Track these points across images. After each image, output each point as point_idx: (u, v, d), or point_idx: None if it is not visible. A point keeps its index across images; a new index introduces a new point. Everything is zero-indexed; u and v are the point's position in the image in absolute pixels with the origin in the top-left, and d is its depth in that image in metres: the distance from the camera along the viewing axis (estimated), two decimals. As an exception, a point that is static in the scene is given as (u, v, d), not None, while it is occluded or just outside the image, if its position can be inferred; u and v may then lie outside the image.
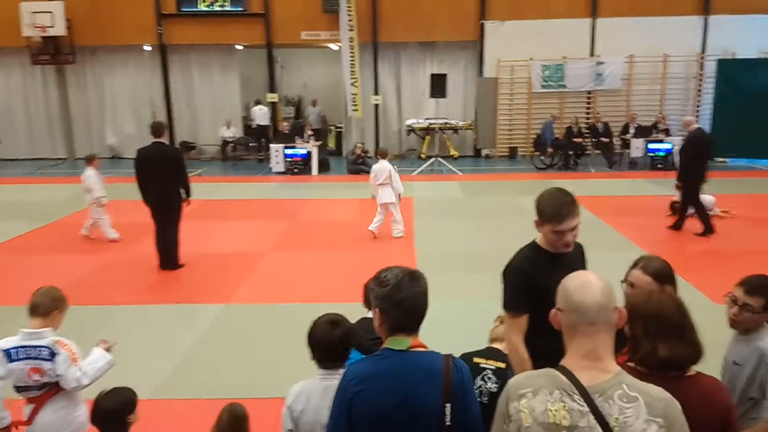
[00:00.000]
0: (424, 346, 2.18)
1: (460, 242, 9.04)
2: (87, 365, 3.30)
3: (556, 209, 2.71)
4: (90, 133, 18.90)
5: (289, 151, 15.77)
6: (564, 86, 17.50)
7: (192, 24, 17.78)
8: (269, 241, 9.25)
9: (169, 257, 7.76)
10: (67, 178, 15.58)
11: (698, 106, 17.58)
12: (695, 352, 2.09)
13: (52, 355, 3.21)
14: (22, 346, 3.22)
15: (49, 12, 16.83)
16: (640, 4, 16.94)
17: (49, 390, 3.27)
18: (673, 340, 2.05)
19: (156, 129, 7.66)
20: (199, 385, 4.92)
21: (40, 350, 3.21)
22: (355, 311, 3.38)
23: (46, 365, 3.21)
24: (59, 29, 16.99)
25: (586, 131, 16.71)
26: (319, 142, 16.72)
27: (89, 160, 9.49)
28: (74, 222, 10.55)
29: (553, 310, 1.87)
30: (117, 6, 17.56)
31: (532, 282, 2.78)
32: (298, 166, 15.66)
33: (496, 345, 3.67)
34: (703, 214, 9.03)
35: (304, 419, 2.59)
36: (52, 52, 17.47)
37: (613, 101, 17.64)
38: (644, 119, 16.33)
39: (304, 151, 15.80)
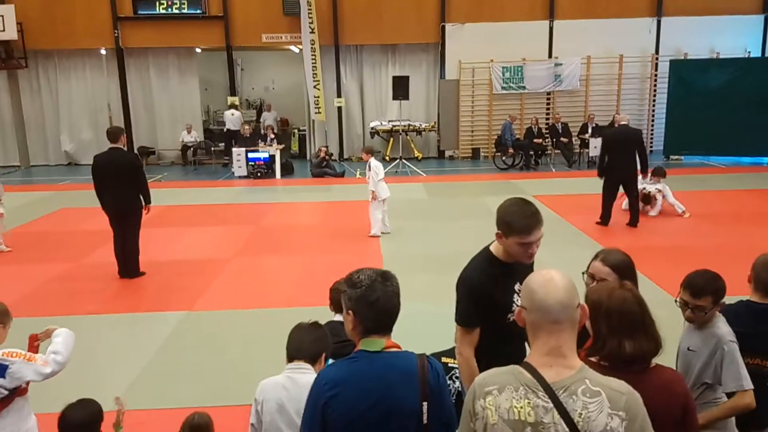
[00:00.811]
0: (398, 347, 2.18)
1: (426, 243, 9.08)
2: (51, 349, 3.19)
3: (525, 222, 2.65)
4: (45, 139, 18.36)
5: (251, 155, 15.61)
6: (524, 87, 17.78)
7: (149, 27, 17.44)
8: (233, 247, 9.12)
9: (128, 265, 7.58)
10: (21, 186, 15.11)
11: (653, 106, 18.08)
12: (656, 346, 2.14)
13: (3, 369, 3.06)
14: None
15: (0, 16, 16.31)
16: (595, 6, 17.36)
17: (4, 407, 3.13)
18: (637, 335, 2.09)
19: (112, 134, 7.47)
20: (162, 395, 4.82)
21: None
22: (321, 315, 3.36)
23: None
24: (10, 33, 16.48)
25: (546, 131, 17.00)
26: (281, 146, 16.59)
27: None
28: (29, 231, 10.23)
29: (517, 308, 1.89)
30: (71, 9, 17.11)
31: (489, 297, 2.75)
32: (261, 170, 15.50)
33: None
34: (604, 206, 9.54)
35: (265, 408, 2.70)
36: (3, 57, 16.93)
37: (571, 102, 18.00)
38: (602, 119, 16.70)
39: (266, 155, 15.65)
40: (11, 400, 3.15)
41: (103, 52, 17.71)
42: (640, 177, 9.67)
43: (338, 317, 3.35)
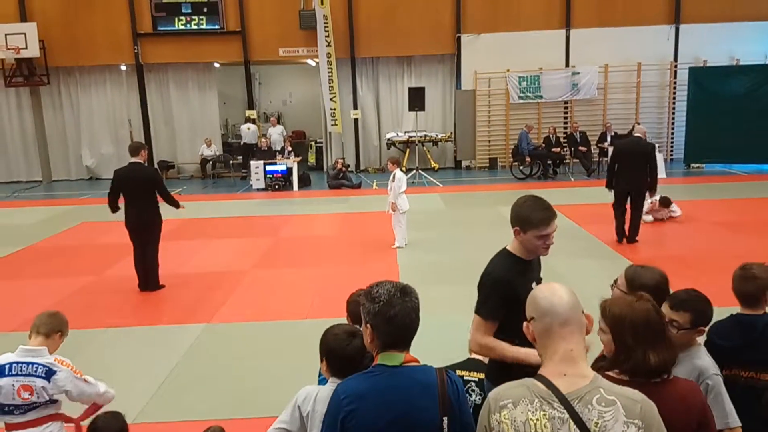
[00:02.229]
0: (417, 361, 2.17)
1: (443, 254, 9.05)
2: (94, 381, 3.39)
3: (542, 214, 2.77)
4: (66, 154, 18.69)
5: (269, 168, 15.73)
6: (541, 97, 17.72)
7: (168, 43, 17.73)
8: (251, 259, 9.17)
9: (148, 278, 7.65)
10: (43, 201, 15.36)
11: (673, 114, 17.90)
12: (674, 356, 2.13)
13: (49, 373, 3.20)
14: (16, 362, 3.22)
15: (22, 33, 16.68)
16: (612, 14, 17.28)
17: (34, 419, 3.23)
18: (659, 346, 2.08)
19: (133, 149, 7.58)
20: (182, 407, 4.84)
21: (35, 367, 3.20)
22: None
23: (39, 383, 3.18)
24: (33, 50, 16.83)
25: (564, 140, 16.91)
26: (299, 158, 16.70)
27: None
28: (51, 245, 10.38)
29: (525, 323, 1.89)
30: (92, 26, 17.45)
31: (513, 291, 2.78)
32: (279, 183, 15.61)
33: (475, 356, 3.66)
34: (616, 221, 9.14)
35: (316, 419, 2.53)
36: (26, 74, 17.29)
37: (589, 110, 17.89)
38: (621, 127, 16.57)
39: (284, 168, 15.76)
40: (47, 420, 3.23)
41: (123, 67, 18.02)
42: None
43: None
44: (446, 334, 4.95)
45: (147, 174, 7.66)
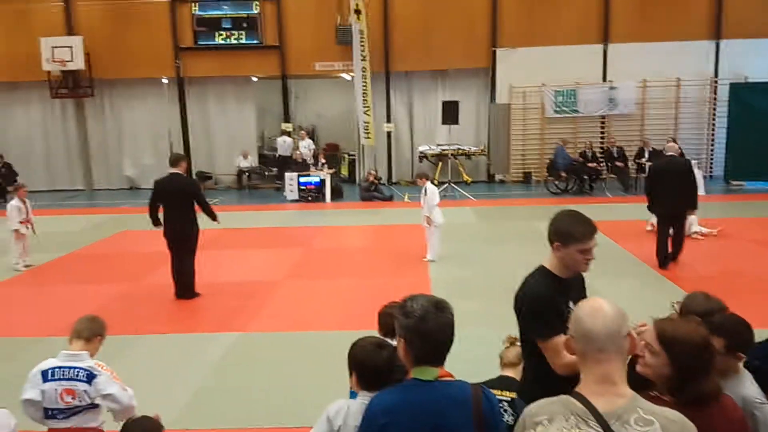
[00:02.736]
0: (452, 376, 2.15)
1: (475, 268, 9.00)
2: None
3: (584, 228, 2.72)
4: (108, 164, 19.20)
5: (303, 179, 15.91)
6: (577, 111, 17.55)
7: (209, 57, 18.16)
8: (284, 269, 9.27)
9: (185, 286, 7.80)
10: (85, 209, 15.81)
11: (713, 130, 17.52)
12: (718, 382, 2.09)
13: (90, 377, 3.27)
14: (58, 367, 3.30)
15: (69, 47, 17.28)
16: (651, 29, 17.03)
17: (76, 426, 3.30)
18: (711, 371, 2.06)
19: (173, 160, 7.80)
20: (216, 416, 4.90)
21: (77, 371, 3.28)
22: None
23: (81, 386, 3.25)
24: (78, 63, 17.41)
25: (601, 155, 16.68)
26: (332, 170, 16.85)
27: (16, 189, 9.70)
28: (91, 253, 10.67)
29: (566, 337, 1.87)
30: (135, 40, 17.97)
31: (554, 309, 2.73)
32: (312, 194, 15.78)
33: (507, 372, 3.62)
34: (659, 246, 8.76)
35: None
36: (71, 86, 17.89)
37: (627, 125, 17.63)
38: (659, 143, 16.26)
39: (317, 179, 15.92)
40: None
41: (164, 81, 18.49)
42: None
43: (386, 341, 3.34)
44: (476, 350, 4.91)
45: (186, 184, 7.84)
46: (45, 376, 3.28)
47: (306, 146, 18.15)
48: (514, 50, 17.53)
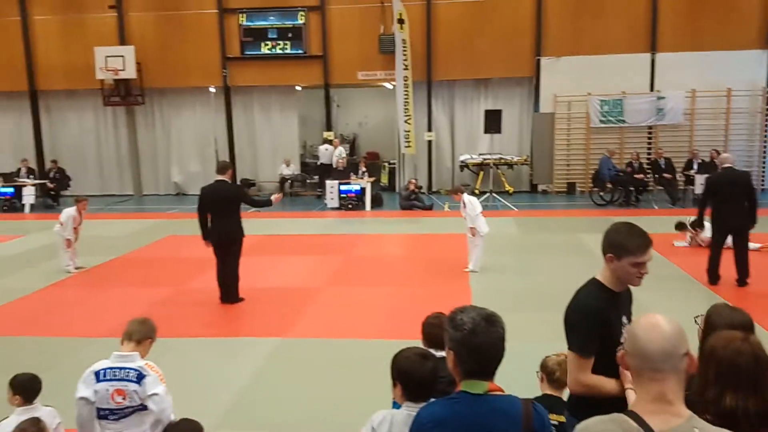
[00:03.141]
0: (502, 390, 2.12)
1: (516, 280, 8.89)
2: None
3: (639, 240, 2.67)
4: (156, 170, 19.77)
5: (343, 187, 16.04)
6: (623, 121, 17.22)
7: (255, 66, 18.54)
8: (324, 276, 9.35)
9: (229, 291, 7.95)
10: (134, 214, 16.28)
11: (764, 142, 16.93)
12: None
13: (140, 377, 3.34)
14: (110, 368, 3.38)
15: (121, 56, 17.90)
16: (701, 38, 16.62)
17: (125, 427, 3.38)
18: (743, 391, 1.97)
19: (220, 168, 7.99)
20: (258, 421, 4.96)
21: (128, 372, 3.35)
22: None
23: (131, 387, 3.32)
24: (130, 72, 18.01)
25: (648, 167, 16.30)
26: (372, 178, 16.94)
27: (78, 201, 9.99)
28: (139, 256, 10.97)
29: (621, 351, 1.84)
30: (185, 50, 18.50)
31: (604, 324, 2.70)
32: (352, 202, 15.88)
33: (550, 390, 3.55)
34: (711, 260, 8.30)
35: None
36: (123, 94, 18.51)
37: (675, 136, 17.20)
38: (708, 154, 15.80)
39: (358, 187, 16.03)
40: None
41: (212, 90, 18.95)
42: None
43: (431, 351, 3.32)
44: (518, 365, 4.86)
45: (232, 191, 8.02)
46: (98, 376, 3.37)
47: (337, 154, 18.26)
48: (559, 59, 17.33)
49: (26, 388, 3.61)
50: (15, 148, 19.53)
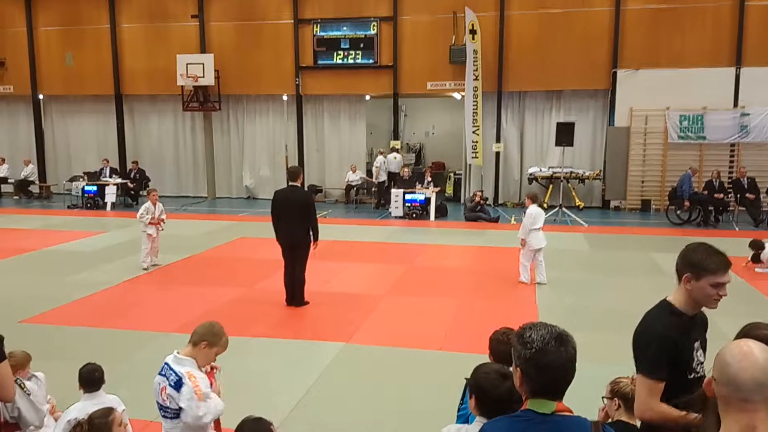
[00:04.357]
0: (570, 411, 2.04)
1: (585, 298, 8.62)
2: (213, 404, 3.41)
3: (719, 260, 2.59)
4: (229, 174, 20.44)
5: (408, 197, 16.06)
6: (704, 138, 16.45)
7: (326, 76, 18.91)
8: (387, 284, 9.37)
9: (295, 294, 8.10)
10: (207, 215, 16.87)
11: None
12: None
13: (178, 384, 3.32)
14: (167, 364, 3.44)
15: (201, 64, 18.65)
16: (792, 51, 15.69)
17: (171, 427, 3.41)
18: None
19: (293, 174, 8.21)
20: (319, 425, 5.01)
21: (171, 374, 3.37)
22: (477, 363, 3.31)
23: (169, 390, 3.35)
24: (209, 79, 18.73)
25: (729, 186, 15.49)
26: (437, 188, 16.89)
27: (149, 193, 10.49)
28: (210, 256, 11.35)
29: (708, 377, 1.74)
30: (260, 59, 19.09)
31: (674, 347, 2.60)
32: (417, 212, 15.87)
33: (624, 417, 3.40)
34: None
35: None
36: (201, 100, 19.26)
37: (760, 155, 16.27)
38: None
39: (423, 197, 16.01)
40: None
41: (285, 98, 19.44)
42: None
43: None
44: (584, 387, 4.71)
45: (302, 197, 8.20)
46: (161, 369, 3.43)
47: (396, 163, 18.29)
48: (636, 72, 16.77)
49: (85, 379, 3.76)
50: (99, 149, 20.69)
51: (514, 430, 2.02)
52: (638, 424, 3.06)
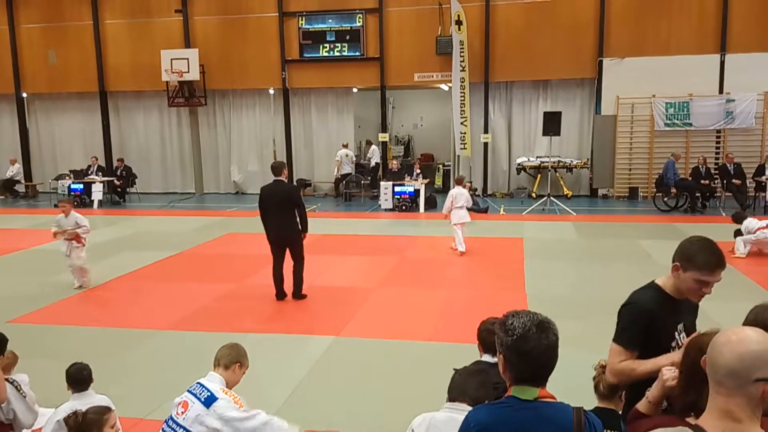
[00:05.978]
0: (553, 397, 2.07)
1: (574, 286, 8.67)
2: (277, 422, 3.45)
3: (709, 258, 2.55)
4: (217, 169, 20.33)
5: (398, 189, 16.06)
6: (690, 124, 16.56)
7: (313, 69, 18.82)
8: (377, 277, 9.37)
9: (295, 288, 8.16)
10: (195, 211, 16.78)
11: None
12: None
13: (209, 400, 3.31)
14: (199, 383, 3.44)
15: (186, 59, 18.50)
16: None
17: None
18: None
19: (276, 169, 8.14)
20: (310, 418, 5.01)
21: (202, 389, 3.38)
22: (464, 353, 3.33)
23: (197, 405, 3.32)
24: (194, 74, 18.59)
25: (716, 172, 15.62)
26: (426, 180, 16.89)
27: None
28: (199, 253, 11.30)
29: (704, 357, 1.73)
30: (246, 53, 18.96)
31: (655, 328, 2.63)
32: (406, 204, 15.88)
33: (603, 403, 3.43)
34: None
35: None
36: (187, 95, 19.12)
37: (745, 140, 16.42)
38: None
39: (412, 189, 16.01)
40: None
41: (271, 91, 19.34)
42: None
43: (486, 357, 3.29)
44: (572, 374, 4.73)
45: (288, 191, 8.16)
46: (191, 387, 3.43)
47: (371, 153, 18.52)
48: (622, 60, 16.83)
49: (73, 378, 3.74)
50: (85, 146, 20.50)
51: (497, 417, 2.03)
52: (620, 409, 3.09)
